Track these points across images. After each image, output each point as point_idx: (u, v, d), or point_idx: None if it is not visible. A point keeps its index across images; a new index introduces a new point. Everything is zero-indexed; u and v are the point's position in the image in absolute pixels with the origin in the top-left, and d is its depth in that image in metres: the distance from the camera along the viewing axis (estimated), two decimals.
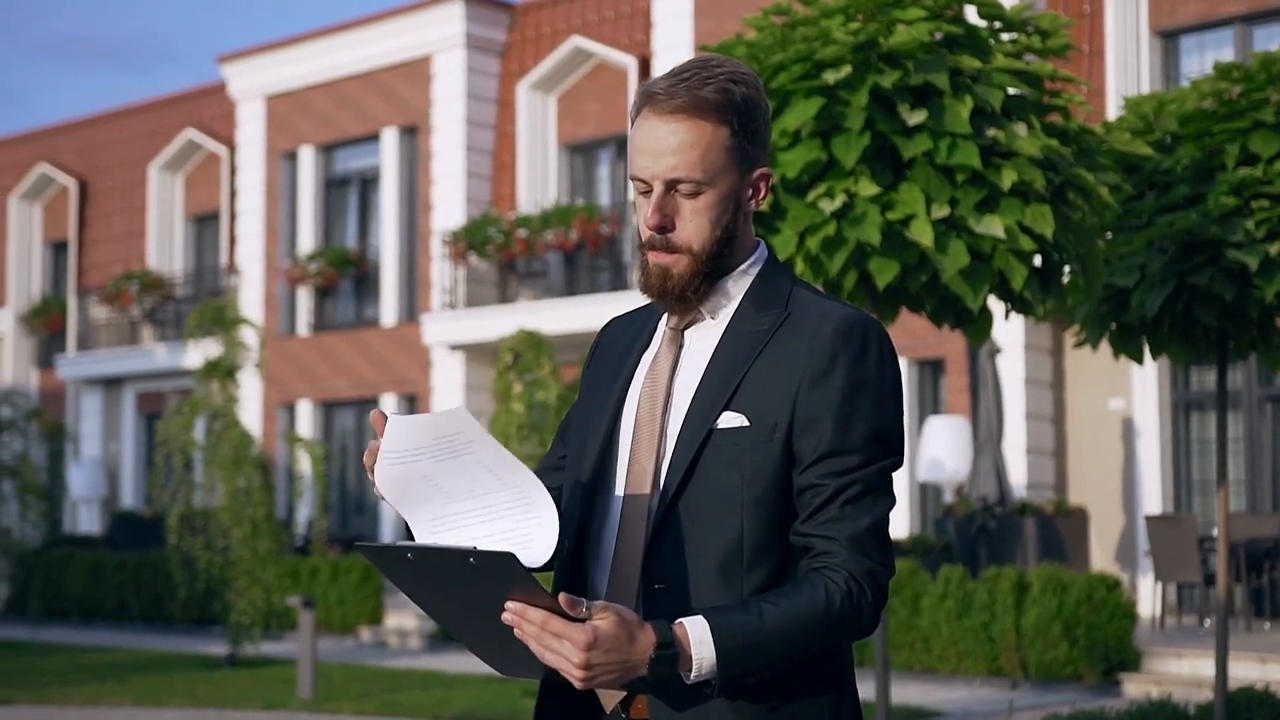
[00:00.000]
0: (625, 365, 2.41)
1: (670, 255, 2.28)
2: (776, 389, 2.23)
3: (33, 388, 26.95)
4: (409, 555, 2.06)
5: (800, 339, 2.25)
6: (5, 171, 28.03)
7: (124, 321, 25.00)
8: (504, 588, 2.04)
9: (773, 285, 2.34)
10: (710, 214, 2.27)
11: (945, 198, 6.10)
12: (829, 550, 2.19)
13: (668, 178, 2.25)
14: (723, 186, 2.26)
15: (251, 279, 23.26)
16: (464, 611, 2.12)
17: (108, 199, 26.37)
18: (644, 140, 2.27)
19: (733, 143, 2.25)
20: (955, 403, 16.76)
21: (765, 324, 2.28)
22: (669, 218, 2.27)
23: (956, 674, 13.06)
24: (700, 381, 2.29)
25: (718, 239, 2.28)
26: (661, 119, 2.25)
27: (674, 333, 2.36)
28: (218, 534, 14.99)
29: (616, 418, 2.36)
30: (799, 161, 6.07)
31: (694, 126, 2.23)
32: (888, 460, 2.25)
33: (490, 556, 2.00)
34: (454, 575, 2.05)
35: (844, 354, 2.23)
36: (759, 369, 2.25)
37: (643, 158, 2.27)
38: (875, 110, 6.08)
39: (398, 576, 2.13)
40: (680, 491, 2.24)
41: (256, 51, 23.41)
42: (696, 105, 2.23)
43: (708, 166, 2.24)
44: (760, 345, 2.27)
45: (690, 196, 2.26)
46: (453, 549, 2.02)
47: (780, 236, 6.19)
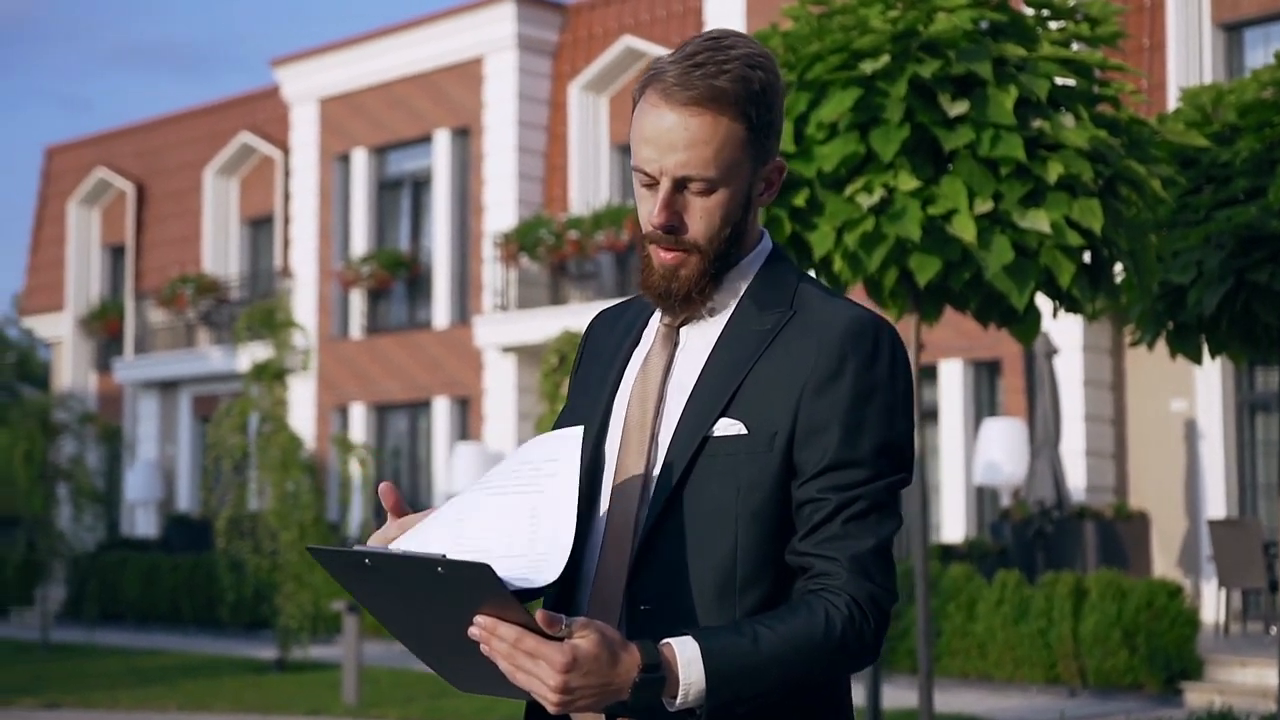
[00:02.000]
0: (615, 364, 2.22)
1: (678, 254, 2.09)
2: (778, 395, 2.04)
3: (91, 391, 27.10)
4: (366, 561, 1.87)
5: (805, 341, 2.06)
6: (65, 176, 28.24)
7: (180, 325, 25.09)
8: (475, 601, 1.85)
9: (777, 281, 2.15)
10: (721, 213, 2.08)
11: (988, 192, 5.88)
12: (829, 571, 2.00)
13: (678, 175, 2.05)
14: (735, 183, 2.08)
15: (305, 282, 23.27)
16: (426, 625, 1.94)
17: (164, 203, 26.49)
18: (651, 130, 2.06)
19: (748, 137, 2.06)
20: (1012, 405, 16.46)
21: (768, 323, 2.10)
22: (678, 216, 2.08)
23: (1013, 682, 12.78)
24: (696, 384, 2.10)
25: (726, 238, 2.10)
26: (672, 109, 2.04)
27: (668, 330, 2.16)
28: (266, 537, 14.93)
29: (605, 421, 2.18)
30: (836, 155, 5.88)
31: (708, 120, 2.03)
32: (896, 476, 2.06)
33: (461, 566, 1.81)
34: (418, 585, 1.86)
35: (852, 358, 2.04)
36: (760, 372, 2.06)
37: (649, 149, 2.07)
38: (915, 101, 5.88)
39: (353, 584, 1.95)
40: (671, 504, 2.05)
41: (309, 55, 23.42)
42: (713, 97, 2.03)
43: (721, 164, 2.05)
44: (762, 347, 2.08)
45: (701, 195, 2.07)
46: (419, 556, 1.84)
47: (818, 232, 6.00)
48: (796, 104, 5.99)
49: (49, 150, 28.99)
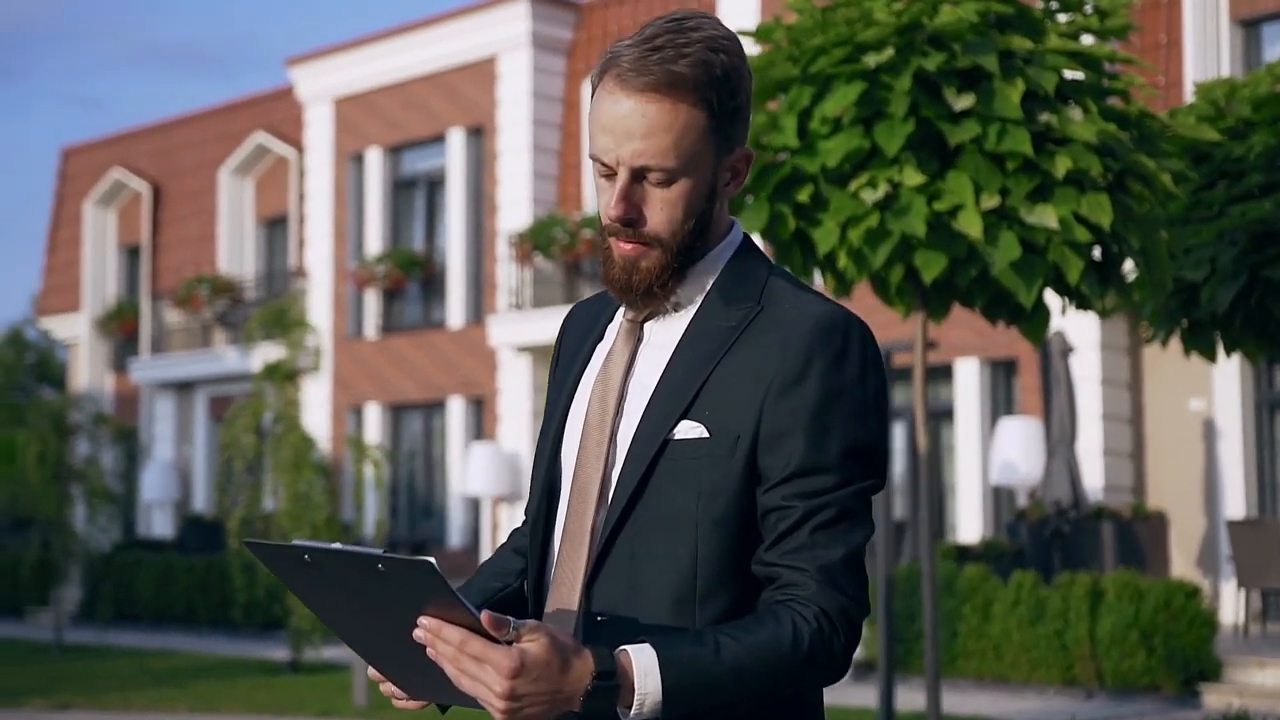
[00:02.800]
0: (578, 360, 2.14)
1: (638, 246, 1.99)
2: (741, 396, 1.94)
3: (107, 392, 27.12)
4: (306, 557, 1.79)
5: (771, 339, 1.96)
6: (81, 176, 28.27)
7: (196, 325, 25.08)
8: (418, 601, 1.77)
9: (746, 274, 2.04)
10: (683, 204, 1.97)
11: (995, 187, 5.78)
12: (797, 582, 1.91)
13: (634, 165, 1.95)
14: (698, 174, 1.97)
15: (320, 282, 23.24)
16: (372, 627, 1.86)
17: (180, 203, 26.49)
18: (608, 118, 1.96)
19: (710, 124, 1.96)
20: (1028, 404, 16.33)
21: (734, 319, 1.99)
22: (636, 208, 1.97)
23: (1029, 683, 12.66)
24: (658, 383, 2.00)
25: (689, 231, 1.99)
26: (628, 95, 1.93)
27: (632, 325, 2.07)
28: (278, 538, 14.87)
29: (564, 420, 2.09)
30: (840, 150, 5.79)
31: (667, 108, 1.93)
32: (867, 481, 1.95)
33: (403, 564, 1.73)
34: (359, 583, 1.78)
35: (819, 358, 1.93)
36: (724, 372, 1.96)
37: (605, 138, 1.96)
38: (920, 95, 5.78)
39: (293, 580, 1.87)
40: (629, 510, 1.96)
41: (324, 54, 23.39)
42: (671, 83, 1.92)
43: (681, 153, 1.94)
44: (727, 344, 1.98)
45: (661, 185, 1.96)
46: (359, 552, 1.75)
47: (822, 228, 5.90)
48: (800, 98, 5.90)
49: (65, 151, 29.03)
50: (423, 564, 1.72)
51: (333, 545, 1.79)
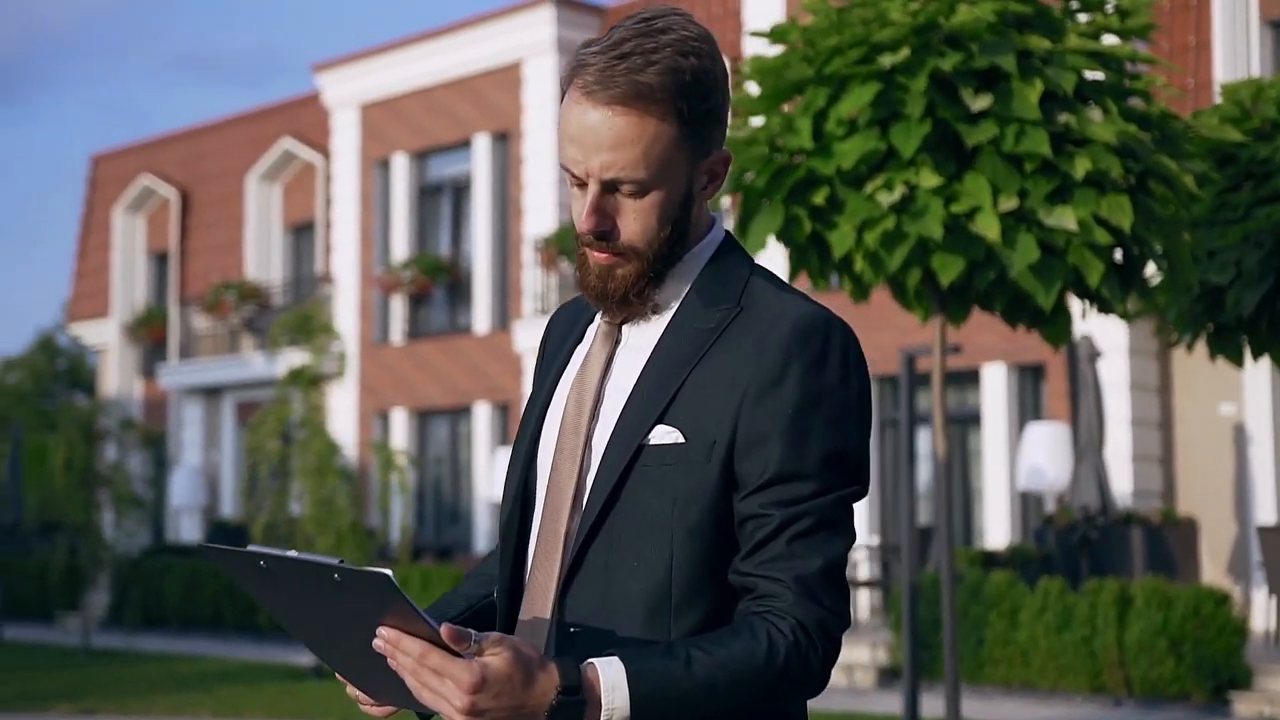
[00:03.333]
0: (557, 362, 2.09)
1: (612, 256, 1.94)
2: (718, 401, 1.88)
3: (137, 397, 27.22)
4: (262, 563, 1.76)
5: (749, 341, 1.90)
6: (110, 183, 28.40)
7: (223, 331, 25.15)
8: (376, 613, 1.73)
9: (726, 275, 1.98)
10: (657, 214, 1.92)
11: (1013, 188, 5.70)
12: (773, 593, 1.84)
13: (604, 177, 1.90)
14: (671, 182, 1.92)
15: (346, 287, 23.27)
16: (330, 631, 1.82)
17: (208, 209, 26.58)
18: (575, 128, 1.90)
19: (682, 133, 1.90)
20: (1056, 408, 16.20)
21: (713, 321, 1.93)
22: (609, 219, 1.93)
23: (1056, 691, 12.55)
24: (633, 387, 1.95)
25: (666, 239, 1.94)
26: (595, 107, 1.88)
27: (610, 327, 2.02)
28: (303, 543, 14.87)
29: (541, 423, 2.04)
30: (855, 152, 5.72)
31: (634, 120, 1.87)
32: (847, 489, 1.89)
33: (358, 575, 1.68)
34: (316, 592, 1.75)
35: (797, 361, 1.87)
36: (700, 375, 1.90)
37: (573, 149, 1.91)
38: (936, 96, 5.71)
39: (251, 585, 1.84)
40: (602, 517, 1.90)
41: (350, 60, 23.43)
42: (638, 94, 1.86)
43: (651, 164, 1.89)
44: (704, 347, 1.92)
45: (633, 196, 1.92)
46: (314, 561, 1.71)
47: (838, 231, 5.84)
48: (815, 99, 5.83)
49: (95, 158, 29.17)
50: (378, 575, 1.67)
51: (288, 553, 1.75)
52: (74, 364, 35.68)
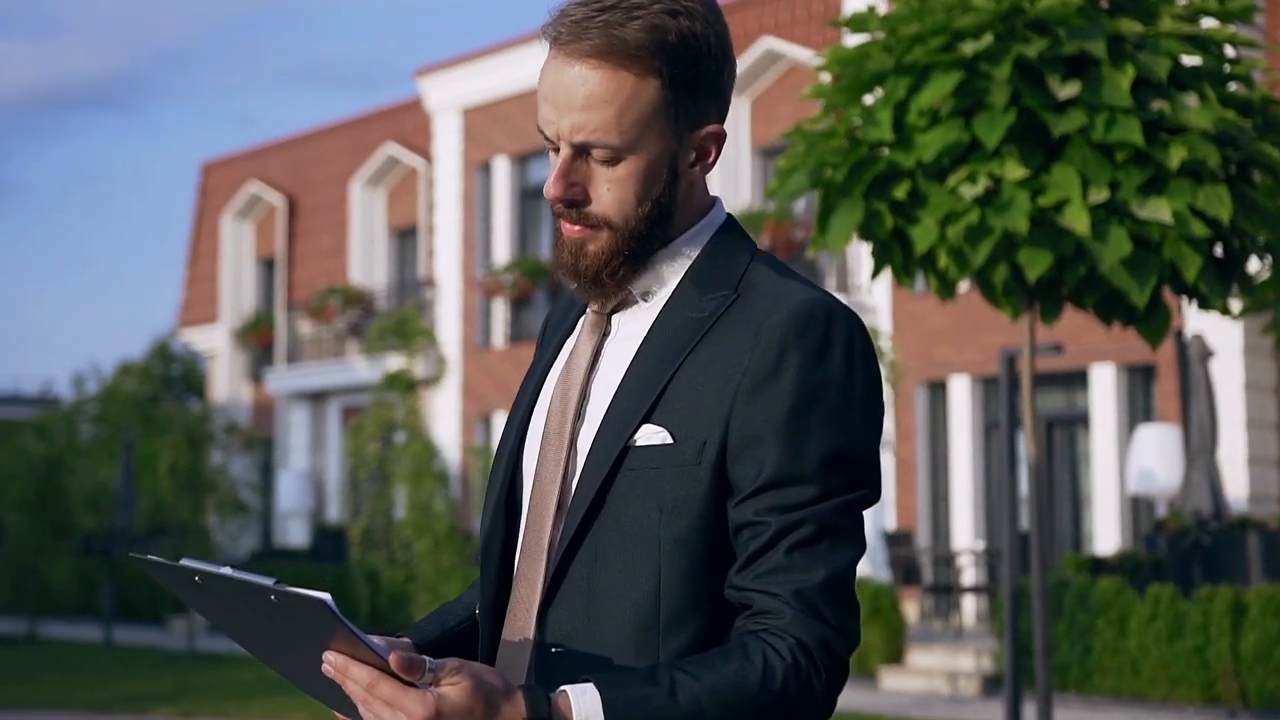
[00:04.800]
0: (545, 356, 1.93)
1: (584, 229, 1.78)
2: (709, 397, 1.71)
3: (245, 402, 27.54)
4: (197, 579, 1.63)
5: (744, 331, 1.72)
6: (219, 190, 28.77)
7: (328, 336, 25.34)
8: (319, 637, 1.59)
9: (724, 260, 1.80)
10: (633, 185, 1.76)
11: (1104, 179, 5.44)
12: (771, 609, 1.66)
13: (574, 140, 1.74)
14: (649, 153, 1.75)
15: (449, 291, 23.32)
16: (280, 647, 1.69)
17: (314, 215, 26.82)
18: (548, 86, 1.75)
19: (664, 97, 1.74)
20: (1167, 410, 15.74)
21: (706, 310, 1.76)
22: (578, 188, 1.76)
23: (1168, 701, 12.17)
24: (620, 383, 1.78)
25: (645, 215, 1.77)
26: (569, 61, 1.73)
27: (598, 316, 1.85)
28: (400, 548, 14.88)
29: (527, 422, 1.87)
30: (937, 143, 5.50)
31: (609, 76, 1.71)
32: (853, 493, 1.70)
33: (295, 598, 1.55)
34: (256, 610, 1.62)
35: (795, 352, 1.69)
36: (691, 369, 1.73)
37: (547, 107, 1.76)
38: (1021, 84, 5.47)
39: (193, 601, 1.72)
40: (585, 527, 1.73)
41: (451, 65, 23.49)
42: (612, 48, 1.71)
43: (626, 129, 1.73)
44: (696, 337, 1.74)
45: (606, 164, 1.75)
46: (250, 581, 1.58)
47: (920, 226, 5.62)
48: (895, 90, 5.62)
49: (205, 166, 29.58)
50: (315, 600, 1.53)
51: (222, 569, 1.61)
52: (188, 369, 36.24)
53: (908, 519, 18.07)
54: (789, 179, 5.86)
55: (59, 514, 21.57)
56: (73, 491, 22.49)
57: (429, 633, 1.94)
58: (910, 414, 18.08)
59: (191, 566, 1.62)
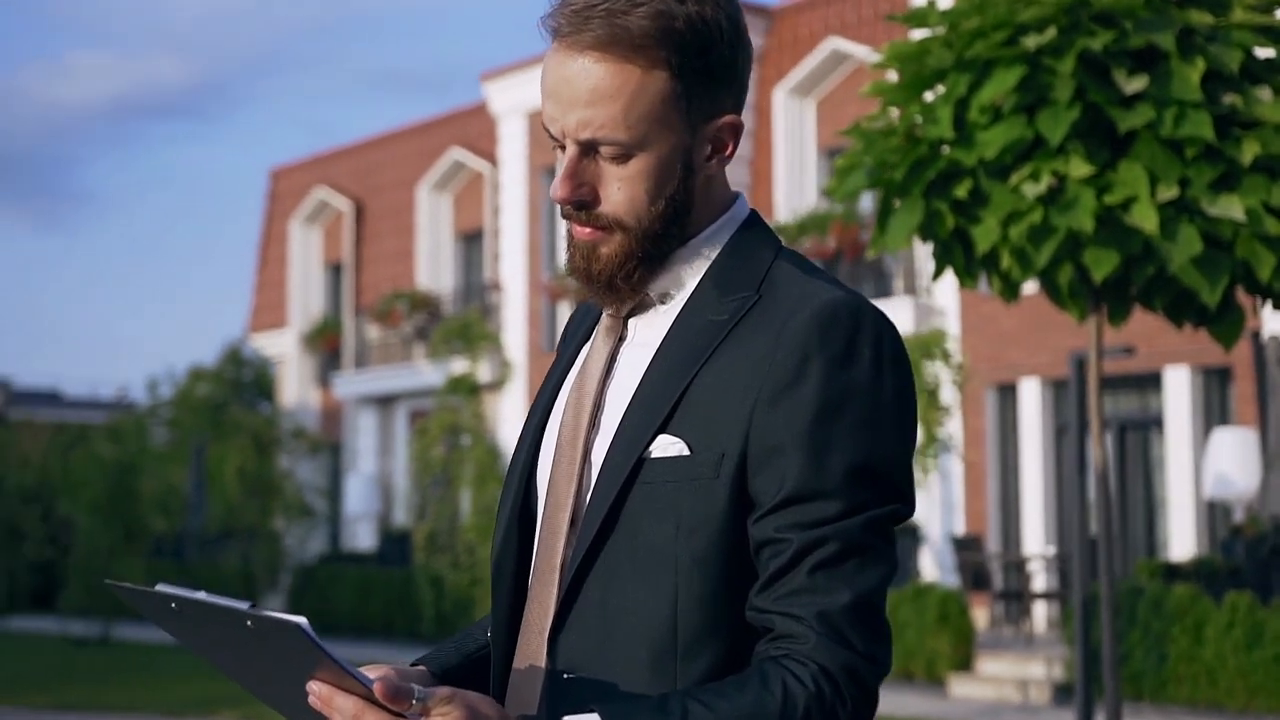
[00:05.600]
0: (562, 363, 1.82)
1: (595, 230, 1.67)
2: (728, 405, 1.60)
3: (314, 407, 27.67)
4: (173, 605, 1.56)
5: (765, 334, 1.61)
6: (288, 196, 28.95)
7: (395, 340, 25.42)
8: (297, 662, 1.51)
9: (746, 258, 1.70)
10: (645, 183, 1.65)
11: (1173, 176, 5.27)
12: (793, 633, 1.55)
13: (581, 138, 1.64)
14: (661, 148, 1.65)
15: (514, 295, 23.31)
16: (261, 674, 1.61)
17: (381, 219, 26.93)
18: (551, 81, 1.65)
19: (674, 89, 1.63)
20: (1244, 413, 15.41)
21: (726, 312, 1.65)
22: (586, 188, 1.66)
23: (1246, 712, 11.90)
24: (635, 390, 1.67)
25: (659, 214, 1.67)
26: (571, 54, 1.63)
27: (613, 320, 1.74)
28: (464, 551, 14.86)
29: (540, 436, 1.77)
30: (999, 140, 5.35)
31: (614, 69, 1.61)
32: (881, 508, 1.58)
33: (271, 622, 1.46)
34: (233, 637, 1.55)
35: (818, 356, 1.58)
36: (709, 376, 1.62)
37: (551, 105, 1.66)
38: (1086, 78, 5.31)
39: (169, 626, 1.64)
40: (598, 545, 1.63)
41: (516, 68, 23.48)
42: (615, 39, 1.60)
43: (634, 124, 1.62)
44: (714, 342, 1.64)
45: (615, 161, 1.65)
46: (225, 605, 1.50)
47: (981, 226, 5.47)
48: (956, 86, 5.47)
49: (274, 172, 29.78)
50: (290, 624, 1.44)
51: (197, 594, 1.52)
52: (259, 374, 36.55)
53: (977, 523, 17.83)
54: (847, 178, 5.73)
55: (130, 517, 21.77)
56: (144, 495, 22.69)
57: (447, 660, 1.84)
58: (980, 417, 17.85)
59: (166, 592, 1.54)
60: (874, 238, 5.78)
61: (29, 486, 26.33)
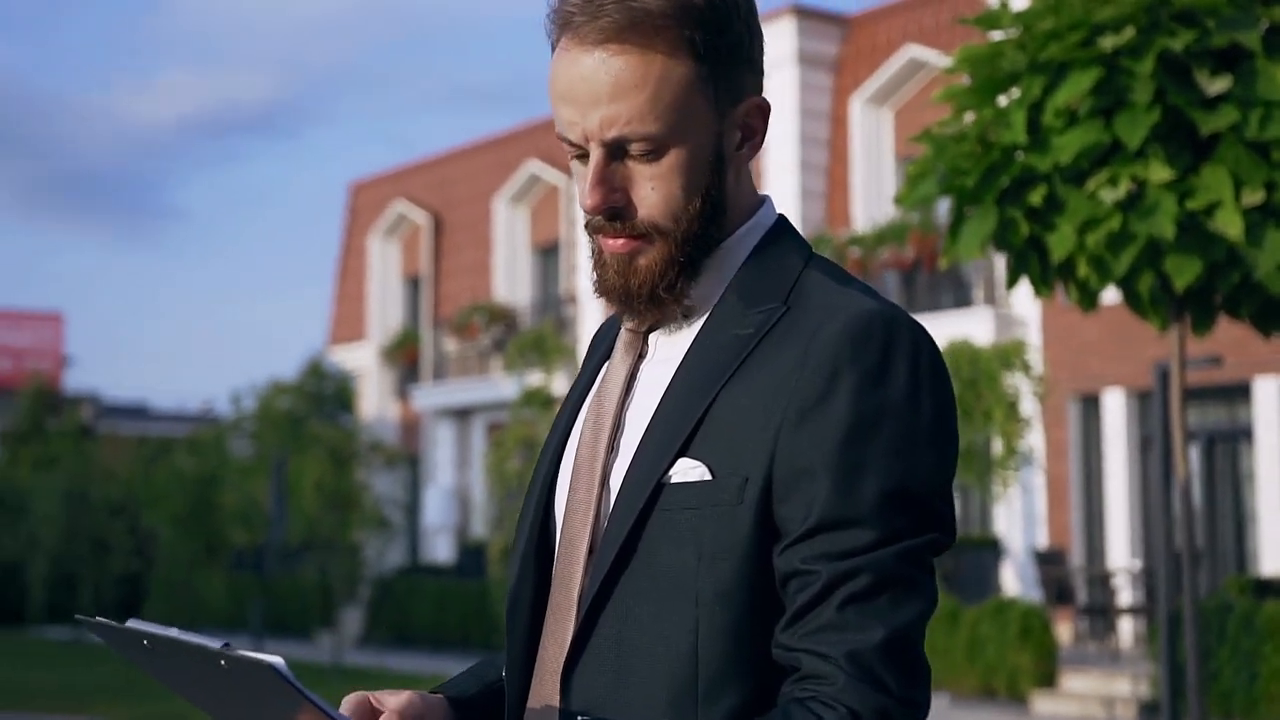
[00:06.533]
0: (582, 382, 1.70)
1: (631, 240, 1.54)
2: (752, 425, 1.47)
3: (392, 419, 27.77)
4: (145, 642, 1.48)
5: (792, 348, 1.48)
6: (367, 210, 29.12)
7: (473, 353, 25.46)
8: (275, 704, 1.43)
9: (773, 267, 1.57)
10: (680, 180, 1.52)
11: (1259, 180, 5.08)
12: (820, 674, 1.42)
13: (608, 137, 1.51)
14: (694, 139, 1.52)
15: (590, 308, 23.26)
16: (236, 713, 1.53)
17: (458, 233, 27.01)
18: (565, 84, 1.53)
19: (699, 71, 1.51)
20: None
21: (751, 325, 1.52)
22: (619, 193, 1.53)
23: None
24: (655, 411, 1.55)
25: (698, 213, 1.54)
26: (585, 50, 1.50)
27: (633, 335, 1.62)
28: None
29: (559, 459, 1.65)
30: (1076, 145, 5.17)
31: (635, 58, 1.49)
32: (918, 537, 1.45)
33: (245, 662, 1.39)
34: (208, 675, 1.47)
35: (849, 372, 1.45)
36: (732, 394, 1.49)
37: (567, 109, 1.53)
38: (1166, 80, 5.13)
39: (141, 661, 1.56)
40: (614, 577, 1.51)
41: None
42: (633, 23, 1.48)
43: (664, 112, 1.50)
44: (739, 357, 1.51)
45: (646, 159, 1.52)
46: (198, 644, 1.42)
47: (1057, 233, 5.30)
48: (1030, 89, 5.31)
49: (353, 186, 29.97)
50: (265, 666, 1.35)
51: (169, 631, 1.44)
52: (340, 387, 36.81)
53: (1060, 537, 17.51)
54: (918, 185, 5.58)
55: (211, 530, 21.94)
56: (225, 508, 22.85)
57: (465, 689, 1.73)
58: (1062, 429, 17.53)
59: (138, 629, 1.45)
60: (946, 246, 5.62)
61: (115, 499, 26.63)
